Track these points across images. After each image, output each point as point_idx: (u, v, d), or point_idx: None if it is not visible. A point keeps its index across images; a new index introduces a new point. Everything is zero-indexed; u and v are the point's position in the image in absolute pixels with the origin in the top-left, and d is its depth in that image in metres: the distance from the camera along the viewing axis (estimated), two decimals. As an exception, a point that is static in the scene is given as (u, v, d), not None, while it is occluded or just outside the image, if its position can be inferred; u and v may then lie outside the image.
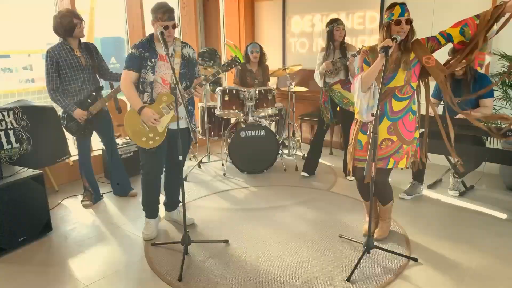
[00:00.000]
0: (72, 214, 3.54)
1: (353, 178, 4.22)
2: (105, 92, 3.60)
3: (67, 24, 3.24)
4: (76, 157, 4.29)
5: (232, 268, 2.64)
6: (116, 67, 8.09)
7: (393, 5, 2.55)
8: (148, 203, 3.13)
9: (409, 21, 2.53)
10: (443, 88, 2.64)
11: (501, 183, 3.98)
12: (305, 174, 4.34)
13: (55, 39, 3.44)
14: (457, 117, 3.43)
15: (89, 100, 3.42)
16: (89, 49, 3.46)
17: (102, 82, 3.64)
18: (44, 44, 5.92)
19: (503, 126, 3.39)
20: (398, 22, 2.52)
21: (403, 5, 2.53)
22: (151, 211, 3.14)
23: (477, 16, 2.48)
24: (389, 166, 2.72)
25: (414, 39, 2.62)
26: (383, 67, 2.44)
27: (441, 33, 2.58)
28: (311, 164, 4.36)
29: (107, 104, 3.57)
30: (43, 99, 5.94)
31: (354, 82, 2.67)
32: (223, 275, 2.56)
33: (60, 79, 3.31)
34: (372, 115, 2.43)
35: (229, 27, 6.05)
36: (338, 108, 4.16)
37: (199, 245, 2.91)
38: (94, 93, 3.45)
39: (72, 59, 3.32)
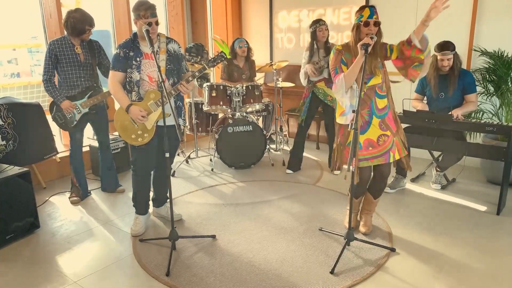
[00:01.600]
0: (60, 210, 3.56)
1: (338, 172, 4.31)
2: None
3: (79, 30, 3.34)
4: (63, 154, 4.31)
5: (219, 262, 2.69)
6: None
7: (363, 7, 2.65)
8: (138, 199, 3.15)
9: (377, 23, 2.60)
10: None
11: (481, 176, 4.10)
12: (290, 171, 4.39)
13: (40, 33, 3.45)
14: (451, 113, 3.50)
15: (81, 95, 3.46)
16: (92, 46, 3.52)
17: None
18: (29, 38, 5.84)
19: (483, 121, 3.49)
20: (366, 24, 2.60)
21: (372, 8, 2.61)
22: (141, 207, 3.17)
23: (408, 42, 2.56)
24: (391, 160, 2.80)
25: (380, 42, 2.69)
26: (364, 64, 2.50)
27: (391, 47, 2.67)
28: (295, 160, 4.41)
29: (104, 100, 3.62)
30: (29, 94, 5.88)
31: (335, 82, 2.71)
32: (210, 270, 2.61)
33: (58, 72, 3.41)
34: (353, 111, 2.50)
35: (216, 22, 6.06)
36: (319, 108, 4.23)
37: (186, 240, 2.96)
38: (88, 90, 3.49)
39: (71, 54, 3.39)
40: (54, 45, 3.35)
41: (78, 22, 3.31)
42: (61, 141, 4.58)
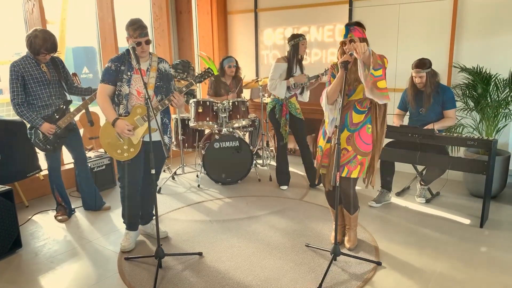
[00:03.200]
0: (43, 229, 3.48)
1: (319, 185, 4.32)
2: (74, 106, 3.59)
3: (34, 49, 3.23)
4: (46, 172, 4.23)
5: (206, 280, 2.67)
6: (89, 77, 7.98)
7: (344, 26, 2.71)
8: (128, 215, 3.13)
9: (352, 41, 2.64)
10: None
11: (464, 189, 4.17)
12: (285, 187, 4.38)
13: (23, 50, 3.40)
14: (425, 127, 3.59)
15: (57, 116, 3.41)
16: (55, 63, 3.44)
17: (69, 96, 3.63)
18: (12, 54, 5.80)
19: (464, 135, 3.57)
20: (343, 43, 2.69)
21: (348, 26, 2.67)
22: (132, 224, 3.15)
23: None
24: (343, 175, 2.81)
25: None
26: (344, 81, 2.56)
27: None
28: (286, 176, 4.39)
29: (76, 117, 3.56)
30: (12, 111, 5.81)
31: (322, 96, 2.80)
32: (197, 287, 2.58)
33: (26, 93, 3.27)
34: (336, 127, 2.55)
35: (203, 39, 6.12)
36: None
37: (173, 258, 2.92)
38: (62, 107, 3.44)
39: (38, 73, 3.30)
40: (19, 66, 3.21)
41: (36, 43, 3.19)
42: (44, 159, 4.51)
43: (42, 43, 3.20)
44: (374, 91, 2.57)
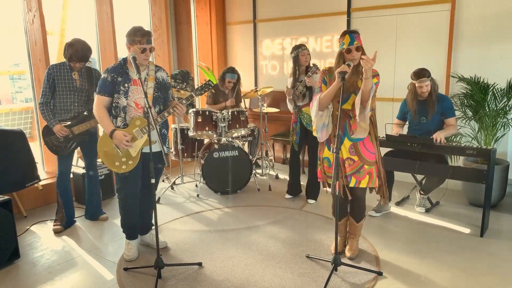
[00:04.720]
0: (41, 240, 3.46)
1: (313, 201, 4.24)
2: None
3: (67, 56, 3.40)
4: (45, 182, 4.22)
5: (205, 290, 2.65)
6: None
7: (343, 34, 2.70)
8: (127, 225, 3.12)
9: (359, 48, 2.67)
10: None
11: (463, 198, 4.17)
12: (290, 196, 4.35)
13: (24, 60, 3.48)
14: (433, 136, 3.58)
15: (74, 121, 3.48)
16: (90, 74, 3.56)
17: None
18: (11, 65, 5.81)
19: (463, 144, 3.58)
20: (348, 51, 2.68)
21: (352, 34, 2.67)
22: (131, 233, 3.14)
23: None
24: (351, 185, 2.82)
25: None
26: (340, 90, 2.57)
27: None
28: (293, 185, 4.36)
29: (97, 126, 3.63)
30: (11, 121, 5.80)
31: (313, 101, 2.80)
32: (196, 298, 2.56)
33: (54, 96, 3.46)
34: (335, 136, 2.56)
35: (202, 50, 6.15)
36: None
37: (172, 268, 2.90)
38: (84, 115, 3.50)
39: (68, 79, 3.45)
40: (53, 69, 3.43)
41: (68, 51, 3.38)
42: (43, 169, 4.50)
43: (74, 51, 3.37)
44: (367, 110, 2.62)
